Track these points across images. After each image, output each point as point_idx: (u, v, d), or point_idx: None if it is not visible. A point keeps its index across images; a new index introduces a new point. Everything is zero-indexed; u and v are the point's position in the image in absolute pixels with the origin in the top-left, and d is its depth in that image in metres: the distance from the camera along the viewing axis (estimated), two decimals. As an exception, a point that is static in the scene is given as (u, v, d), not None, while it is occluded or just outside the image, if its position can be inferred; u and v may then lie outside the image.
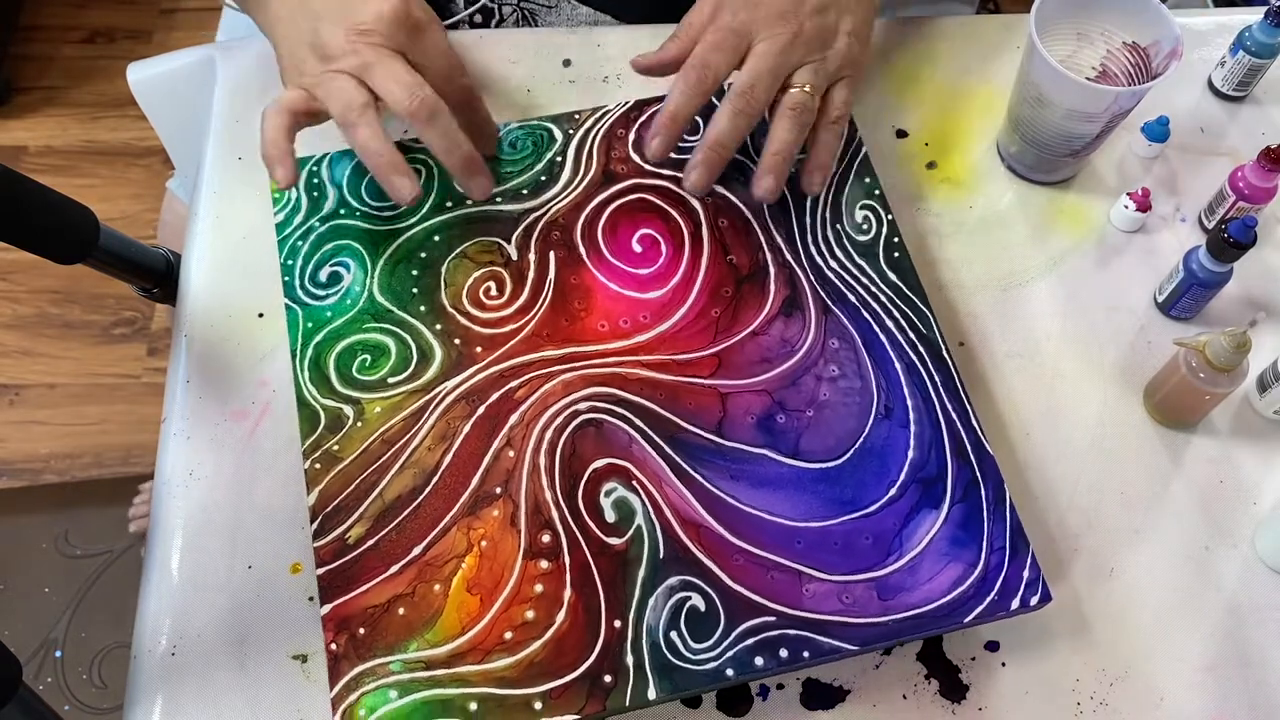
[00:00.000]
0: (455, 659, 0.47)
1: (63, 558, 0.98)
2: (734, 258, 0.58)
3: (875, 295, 0.57)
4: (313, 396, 0.53)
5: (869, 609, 0.49)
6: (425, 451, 0.52)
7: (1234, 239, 0.55)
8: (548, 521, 0.50)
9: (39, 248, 0.62)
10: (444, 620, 0.48)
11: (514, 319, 0.56)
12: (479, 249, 0.58)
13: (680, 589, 0.49)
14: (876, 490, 0.51)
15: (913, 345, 0.55)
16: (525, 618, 0.48)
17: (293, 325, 0.55)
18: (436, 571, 0.49)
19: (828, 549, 0.50)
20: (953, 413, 0.54)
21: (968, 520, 0.51)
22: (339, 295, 0.56)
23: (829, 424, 0.53)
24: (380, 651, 0.47)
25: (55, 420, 1.37)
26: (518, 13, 0.75)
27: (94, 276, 0.73)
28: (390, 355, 0.54)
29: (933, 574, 0.49)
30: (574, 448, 0.52)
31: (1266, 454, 0.59)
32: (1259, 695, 0.53)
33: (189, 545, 0.55)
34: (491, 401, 0.53)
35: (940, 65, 0.71)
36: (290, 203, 0.59)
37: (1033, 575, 0.50)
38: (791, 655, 0.48)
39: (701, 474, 0.52)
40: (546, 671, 0.47)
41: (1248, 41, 0.66)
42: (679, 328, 0.56)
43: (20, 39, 1.67)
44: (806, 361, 0.55)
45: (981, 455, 0.53)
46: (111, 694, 0.93)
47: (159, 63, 0.71)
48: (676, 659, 0.47)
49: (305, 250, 0.58)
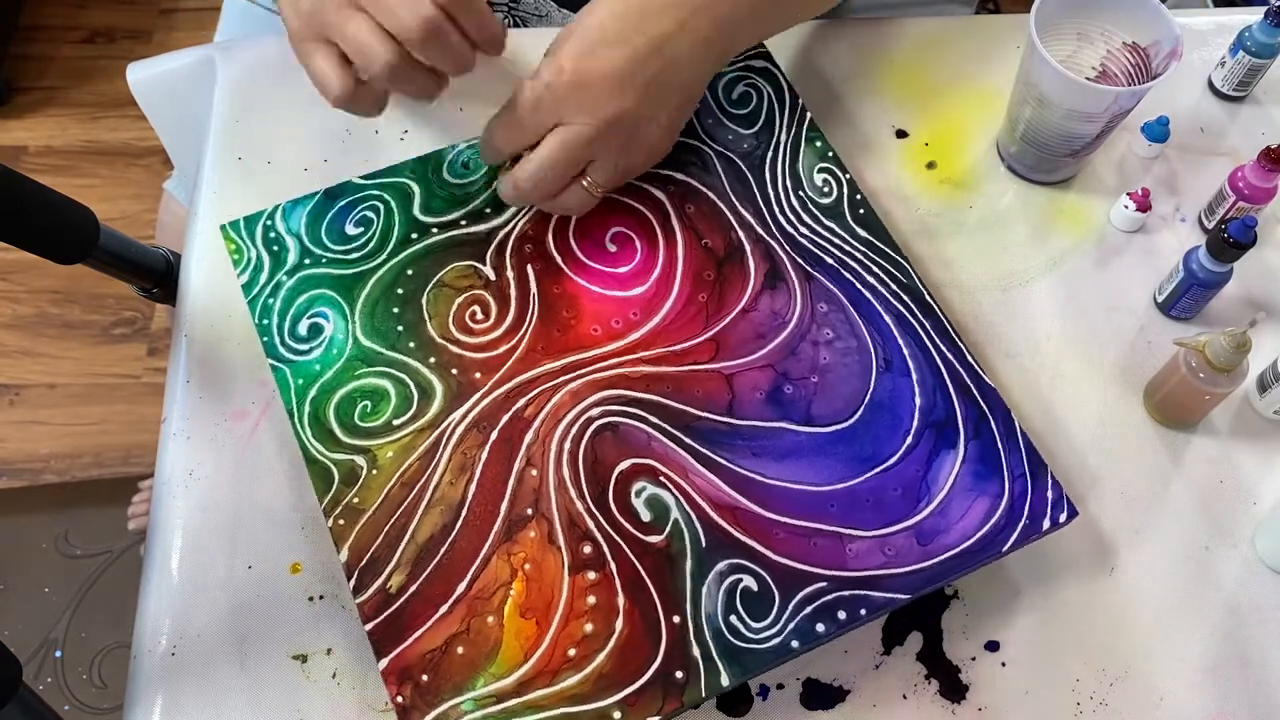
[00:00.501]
0: (525, 686, 0.47)
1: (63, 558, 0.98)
2: (708, 241, 0.58)
3: (851, 254, 0.58)
4: (320, 453, 0.52)
5: (911, 557, 0.49)
6: (448, 487, 0.51)
7: (1234, 239, 0.55)
8: (585, 532, 0.50)
9: (39, 248, 0.62)
10: (505, 650, 0.48)
11: (506, 339, 0.55)
12: (456, 275, 0.57)
13: (730, 573, 0.49)
14: (893, 442, 0.52)
15: (897, 296, 0.56)
16: (585, 631, 0.48)
17: (283, 385, 0.54)
18: (486, 604, 0.48)
19: (861, 507, 0.51)
20: (949, 354, 0.54)
21: (985, 454, 0.52)
22: (323, 346, 0.55)
23: (835, 386, 0.54)
24: (448, 694, 0.47)
25: (55, 420, 1.37)
26: (508, 20, 0.75)
27: (94, 276, 0.73)
28: (390, 397, 0.53)
29: (963, 512, 0.50)
30: (595, 454, 0.52)
31: (1266, 454, 0.59)
32: (1259, 695, 0.53)
33: (189, 545, 0.55)
34: (503, 424, 0.53)
35: (940, 65, 0.71)
36: (251, 262, 0.57)
37: (1056, 494, 0.51)
38: (850, 615, 0.48)
39: (724, 457, 0.52)
40: (617, 681, 0.47)
41: (1248, 41, 0.66)
42: (670, 319, 0.56)
43: (20, 39, 1.67)
44: (800, 330, 0.55)
45: (984, 390, 0.53)
46: (111, 694, 0.93)
47: (159, 63, 0.71)
48: (741, 642, 0.48)
49: (278, 307, 0.56)
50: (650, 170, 0.60)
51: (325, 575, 0.54)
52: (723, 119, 0.62)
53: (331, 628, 0.53)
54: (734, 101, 0.63)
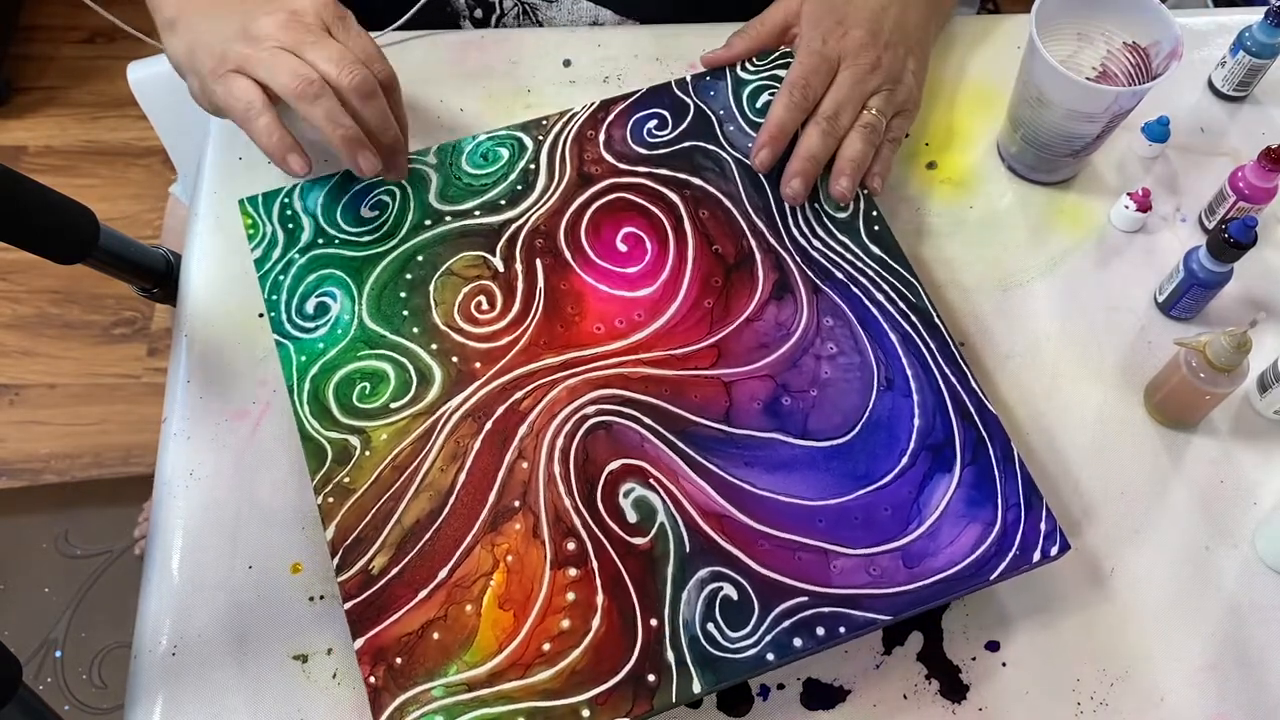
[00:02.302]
0: (496, 677, 0.47)
1: (63, 558, 0.98)
2: (719, 247, 0.58)
3: (862, 270, 0.57)
4: (316, 430, 0.53)
5: (897, 578, 0.49)
6: (438, 473, 0.51)
7: (1234, 239, 0.55)
8: (570, 529, 0.50)
9: (39, 248, 0.62)
10: (480, 640, 0.48)
11: (509, 331, 0.55)
12: (465, 264, 0.57)
13: (711, 580, 0.49)
14: (888, 461, 0.52)
15: (904, 315, 0.56)
16: (561, 627, 0.48)
17: (286, 361, 0.54)
18: (466, 592, 0.49)
19: (849, 524, 0.50)
20: (951, 377, 0.54)
21: (980, 480, 0.52)
22: (329, 325, 0.55)
23: (834, 401, 0.54)
24: (420, 679, 0.47)
25: (55, 420, 1.37)
26: (519, 7, 0.75)
27: (94, 276, 0.73)
28: (389, 380, 0.54)
29: (953, 537, 0.50)
30: (587, 452, 0.52)
31: (1266, 454, 0.59)
32: (1259, 695, 0.53)
33: (189, 545, 0.55)
34: (498, 415, 0.53)
35: (940, 65, 0.71)
36: (266, 238, 0.58)
37: (1049, 527, 0.51)
38: (828, 632, 0.48)
39: (716, 464, 0.52)
40: (589, 678, 0.47)
41: (1248, 41, 0.66)
42: (674, 322, 0.56)
43: (20, 39, 1.67)
44: (804, 342, 0.55)
45: (985, 415, 0.53)
46: (111, 694, 0.93)
47: (159, 63, 0.72)
48: (716, 650, 0.47)
49: (288, 284, 0.57)
50: (668, 174, 0.60)
51: (325, 575, 0.54)
52: (745, 126, 0.62)
53: (332, 628, 0.53)
54: (757, 110, 0.63)
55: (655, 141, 0.61)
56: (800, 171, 0.59)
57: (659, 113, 0.62)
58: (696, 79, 0.64)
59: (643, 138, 0.61)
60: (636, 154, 0.61)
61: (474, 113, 0.68)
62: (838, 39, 0.61)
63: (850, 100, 0.60)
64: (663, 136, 0.61)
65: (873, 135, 0.60)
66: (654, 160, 0.61)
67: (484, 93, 0.69)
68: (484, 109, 0.68)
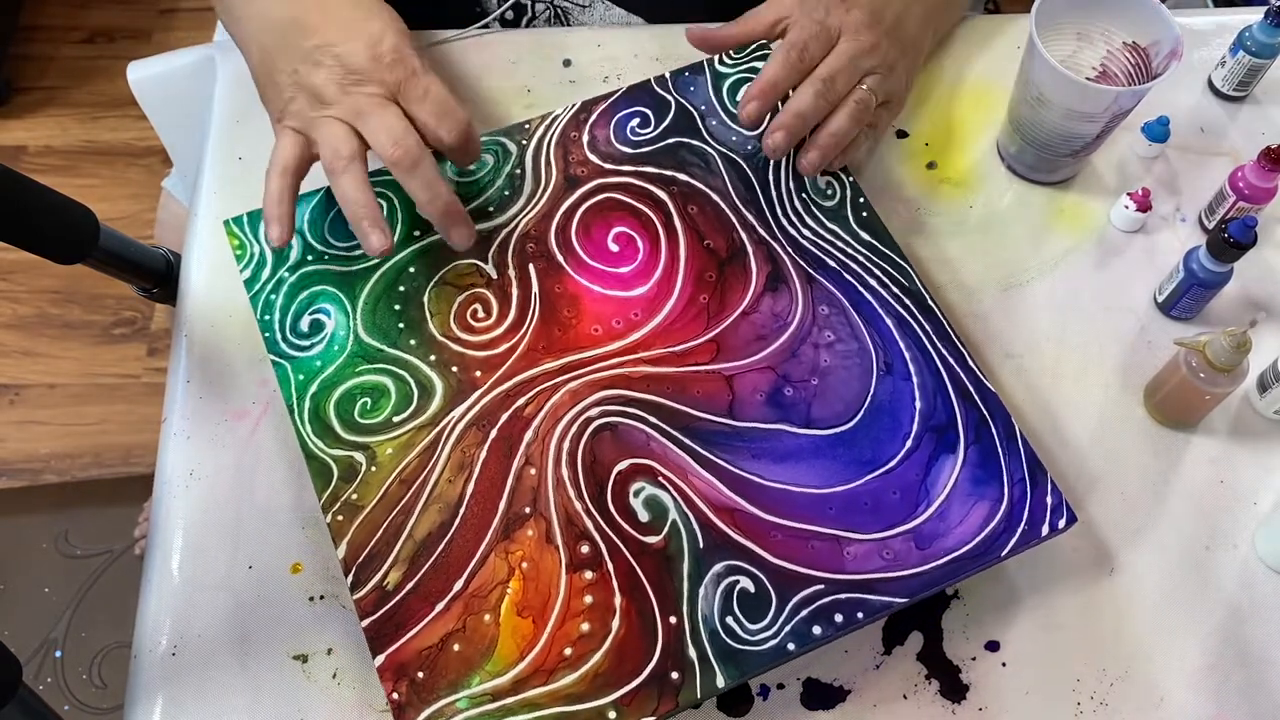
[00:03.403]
0: (520, 684, 0.47)
1: (63, 558, 0.98)
2: (710, 242, 0.58)
3: (853, 257, 0.58)
4: (320, 449, 0.52)
5: (910, 560, 0.49)
6: (446, 484, 0.51)
7: (1234, 239, 0.55)
8: (583, 532, 0.50)
9: (39, 248, 0.62)
10: (501, 648, 0.48)
11: (506, 337, 0.55)
12: (458, 273, 0.57)
13: (727, 574, 0.49)
14: (893, 446, 0.52)
15: (898, 299, 0.56)
16: (581, 631, 0.48)
17: (283, 381, 0.54)
18: (483, 602, 0.49)
19: (859, 510, 0.51)
20: (950, 358, 0.54)
21: (984, 459, 0.52)
22: (324, 343, 0.55)
23: (835, 389, 0.54)
24: (444, 691, 0.47)
25: (55, 420, 1.37)
26: (550, 10, 0.75)
27: (94, 276, 0.73)
28: (390, 394, 0.54)
29: (962, 516, 0.51)
30: (594, 454, 0.52)
31: (1266, 454, 0.59)
32: (1259, 695, 0.53)
33: (189, 545, 0.55)
34: (502, 423, 0.53)
35: (940, 65, 0.71)
36: (254, 258, 0.58)
37: (1055, 500, 0.51)
38: (846, 618, 0.48)
39: (723, 459, 0.52)
40: (613, 680, 0.47)
41: (1248, 41, 0.66)
42: (671, 319, 0.56)
43: (20, 39, 1.67)
44: (801, 332, 0.55)
45: (985, 394, 0.54)
46: (111, 694, 0.93)
47: (159, 62, 0.72)
48: (737, 643, 0.48)
49: (280, 303, 0.56)
50: (654, 171, 0.60)
51: (325, 575, 0.54)
52: (726, 120, 0.62)
53: (332, 628, 0.53)
54: (738, 103, 0.63)
55: (639, 140, 0.61)
56: (786, 126, 0.58)
57: (641, 111, 0.62)
58: (675, 75, 0.64)
59: (626, 136, 0.61)
60: (621, 153, 0.61)
61: (474, 113, 0.68)
62: (841, 13, 0.60)
63: (846, 71, 0.60)
64: (646, 134, 0.61)
65: (862, 114, 0.60)
66: (639, 159, 0.61)
67: (484, 93, 0.69)
68: (484, 109, 0.68)
